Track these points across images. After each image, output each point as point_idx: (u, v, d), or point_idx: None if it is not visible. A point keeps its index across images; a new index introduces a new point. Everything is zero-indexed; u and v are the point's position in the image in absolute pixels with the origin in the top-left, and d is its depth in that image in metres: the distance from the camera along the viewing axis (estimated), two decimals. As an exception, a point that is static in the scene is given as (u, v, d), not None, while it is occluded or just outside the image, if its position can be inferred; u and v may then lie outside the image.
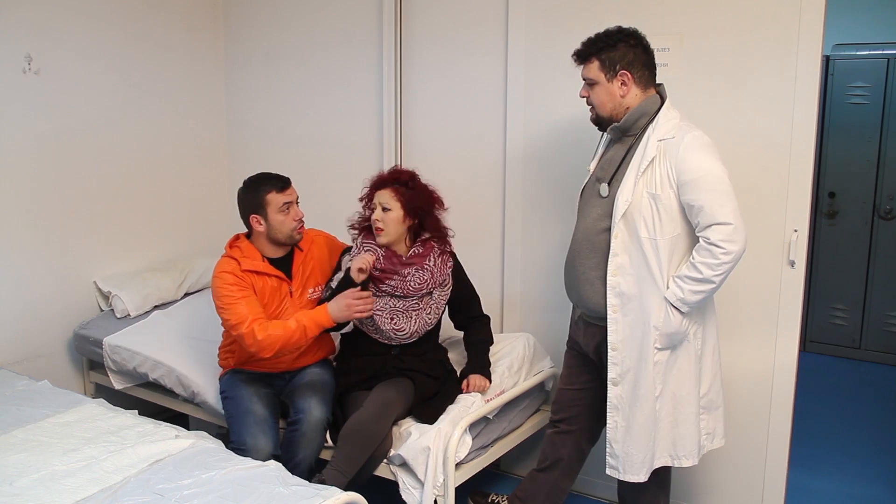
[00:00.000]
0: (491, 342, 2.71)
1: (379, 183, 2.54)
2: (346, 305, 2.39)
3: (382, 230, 2.49)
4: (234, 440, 2.37)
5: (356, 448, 2.28)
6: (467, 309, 2.70)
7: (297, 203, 2.59)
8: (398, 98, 3.18)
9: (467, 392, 2.52)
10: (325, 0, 3.38)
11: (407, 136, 3.22)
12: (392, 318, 2.51)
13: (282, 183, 2.55)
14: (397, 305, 2.52)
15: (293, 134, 3.58)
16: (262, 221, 2.53)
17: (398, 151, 3.22)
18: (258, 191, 2.53)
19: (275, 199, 2.52)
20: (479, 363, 2.61)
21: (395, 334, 2.51)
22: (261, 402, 2.47)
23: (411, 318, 2.52)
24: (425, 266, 2.53)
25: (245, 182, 2.60)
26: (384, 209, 2.49)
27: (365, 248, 2.53)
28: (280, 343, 2.38)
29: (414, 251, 2.55)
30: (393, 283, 2.51)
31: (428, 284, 2.53)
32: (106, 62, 3.25)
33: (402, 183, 2.51)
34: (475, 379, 2.54)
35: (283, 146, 3.62)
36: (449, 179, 2.65)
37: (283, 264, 2.60)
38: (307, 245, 2.66)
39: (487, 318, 2.74)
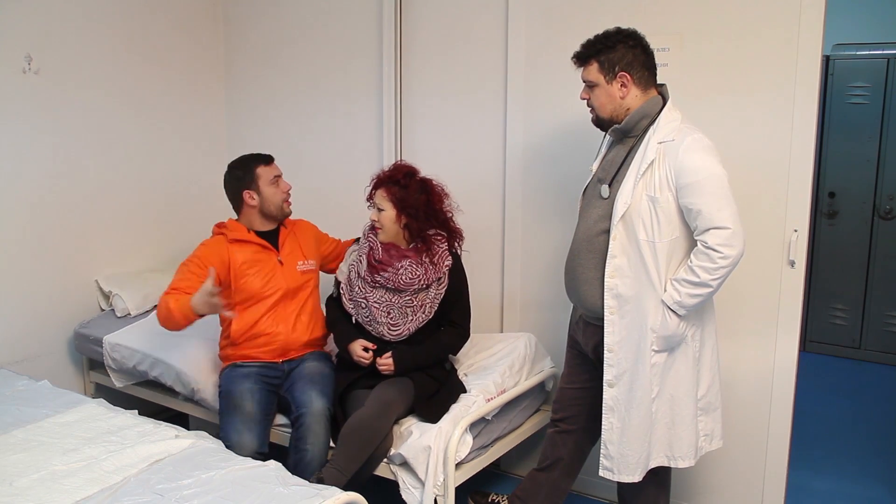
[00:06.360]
0: (449, 351, 2.62)
1: (377, 182, 2.58)
2: (208, 297, 2.40)
3: (380, 229, 2.56)
4: (220, 436, 2.39)
5: (356, 447, 2.28)
6: (449, 311, 2.59)
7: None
8: (398, 99, 3.18)
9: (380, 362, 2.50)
10: (325, 4, 3.38)
11: (407, 135, 3.22)
12: (388, 313, 2.52)
13: (267, 158, 2.73)
14: (393, 300, 2.52)
15: (293, 136, 3.58)
16: (255, 195, 2.67)
17: (398, 153, 3.21)
18: (248, 167, 2.69)
19: (264, 171, 2.68)
20: (412, 353, 2.52)
21: (388, 329, 2.52)
22: (252, 399, 2.49)
23: (406, 315, 2.53)
24: (420, 261, 2.53)
25: (231, 164, 2.76)
26: (379, 209, 2.54)
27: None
28: (161, 316, 2.52)
29: (413, 245, 2.57)
30: (387, 274, 2.52)
31: (421, 280, 2.52)
32: (106, 62, 3.25)
33: (396, 182, 2.52)
34: (383, 358, 2.49)
35: (284, 147, 3.60)
36: (449, 180, 2.64)
37: (270, 238, 2.74)
38: (291, 224, 2.82)
39: (464, 330, 2.62)
